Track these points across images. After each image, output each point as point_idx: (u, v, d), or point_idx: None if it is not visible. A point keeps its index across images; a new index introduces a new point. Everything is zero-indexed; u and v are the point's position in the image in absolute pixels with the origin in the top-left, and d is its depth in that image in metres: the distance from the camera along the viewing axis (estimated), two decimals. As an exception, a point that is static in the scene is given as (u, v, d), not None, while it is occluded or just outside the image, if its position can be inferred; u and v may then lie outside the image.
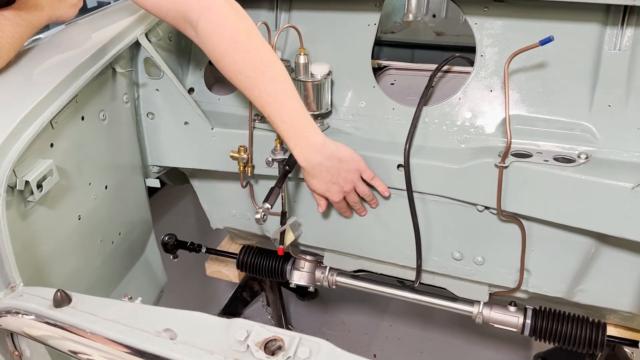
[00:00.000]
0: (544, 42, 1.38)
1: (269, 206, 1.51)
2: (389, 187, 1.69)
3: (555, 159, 1.49)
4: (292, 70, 1.70)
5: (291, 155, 1.66)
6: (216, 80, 2.20)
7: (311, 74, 1.66)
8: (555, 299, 1.73)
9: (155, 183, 1.86)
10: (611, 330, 1.85)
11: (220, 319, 0.99)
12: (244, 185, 1.85)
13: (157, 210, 4.31)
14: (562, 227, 1.54)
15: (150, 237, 1.93)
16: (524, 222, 1.58)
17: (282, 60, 1.70)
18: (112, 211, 1.64)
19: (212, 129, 1.77)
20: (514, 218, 1.58)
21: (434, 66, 1.77)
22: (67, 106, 1.37)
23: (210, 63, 2.14)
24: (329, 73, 1.68)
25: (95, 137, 1.53)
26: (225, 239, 2.64)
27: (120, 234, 1.71)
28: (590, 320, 1.75)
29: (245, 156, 1.74)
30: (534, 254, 1.64)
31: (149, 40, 1.71)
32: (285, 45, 1.86)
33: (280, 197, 1.77)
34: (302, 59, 1.64)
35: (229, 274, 2.50)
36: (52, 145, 1.34)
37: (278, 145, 1.69)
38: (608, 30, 1.50)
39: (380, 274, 1.99)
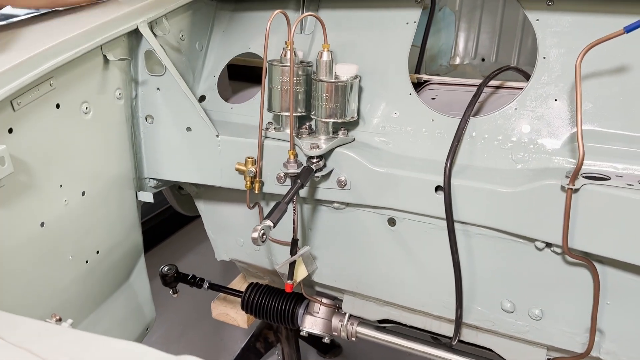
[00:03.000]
0: (630, 29, 1.08)
1: (271, 224, 1.22)
2: (424, 215, 1.38)
3: (643, 184, 1.15)
4: (314, 72, 1.45)
5: (304, 168, 1.38)
6: (234, 92, 1.98)
7: (335, 74, 1.40)
8: (638, 373, 1.33)
9: (148, 197, 1.61)
10: None
11: (158, 353, 0.69)
12: (252, 206, 1.57)
13: (182, 246, 4.11)
14: (650, 274, 1.18)
15: (138, 263, 1.66)
16: (597, 265, 1.23)
17: (303, 62, 1.47)
18: (88, 224, 1.38)
19: (218, 136, 1.52)
20: (585, 259, 1.22)
21: (480, 81, 1.48)
22: (36, 87, 1.14)
23: (229, 72, 1.94)
24: (357, 76, 1.42)
25: (74, 132, 1.30)
26: (237, 277, 2.34)
27: (98, 252, 1.44)
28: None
29: (252, 169, 1.47)
30: (610, 309, 1.27)
31: (154, 33, 1.50)
32: (310, 48, 1.62)
33: (292, 221, 1.48)
34: (325, 56, 1.38)
35: (237, 317, 2.18)
36: (10, 130, 1.11)
37: (292, 157, 1.41)
38: None
39: (410, 327, 1.64)
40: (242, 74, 2.08)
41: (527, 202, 1.23)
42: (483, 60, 3.32)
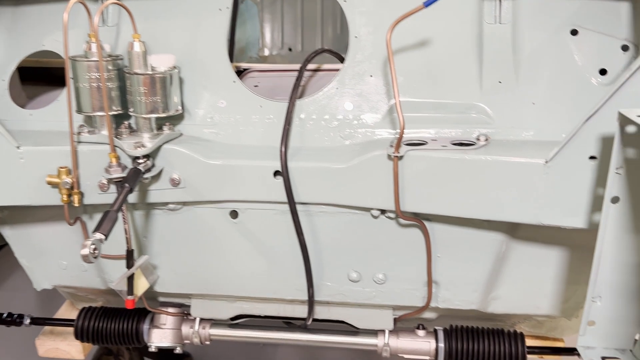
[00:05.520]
0: (428, 3, 1.18)
1: (102, 236, 1.09)
2: (265, 202, 1.37)
3: (454, 144, 1.28)
4: (126, 66, 1.33)
5: (131, 171, 1.26)
6: (29, 97, 1.74)
7: (151, 66, 1.30)
8: (467, 314, 1.50)
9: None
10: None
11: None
12: (72, 221, 1.40)
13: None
14: (469, 223, 1.33)
15: None
16: (426, 223, 1.34)
17: (111, 55, 1.34)
18: None
19: (19, 148, 1.31)
20: (416, 219, 1.33)
21: (299, 66, 1.50)
22: None
23: (19, 74, 1.69)
24: (175, 67, 1.34)
25: None
26: (63, 305, 2.08)
27: None
28: (507, 331, 1.54)
29: (68, 180, 1.30)
30: (441, 261, 1.40)
31: None
32: (117, 41, 1.48)
33: (124, 231, 1.35)
34: (136, 47, 1.28)
35: (70, 349, 1.93)
36: None
37: (114, 160, 1.28)
38: (486, 3, 1.36)
39: (265, 317, 1.62)
40: (37, 77, 1.83)
41: (360, 175, 1.29)
42: (290, 50, 3.42)
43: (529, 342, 1.67)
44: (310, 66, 1.63)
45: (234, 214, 1.40)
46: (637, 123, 0.91)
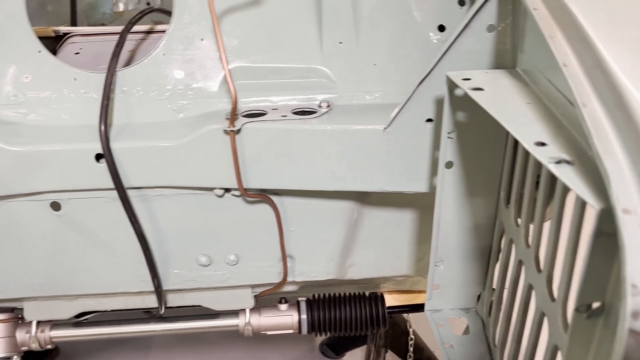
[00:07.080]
0: (251, -43, 1.06)
1: None
2: (91, 190, 1.20)
3: (295, 113, 1.20)
4: None
5: None
6: None
7: None
8: (331, 281, 1.47)
9: None
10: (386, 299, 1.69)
11: None
12: None
13: None
14: (318, 194, 1.27)
15: None
16: (274, 198, 1.26)
17: None
18: None
19: None
20: (262, 195, 1.25)
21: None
22: None
23: None
24: (-43, 36, 1.10)
25: None
26: None
27: None
28: (368, 295, 1.53)
29: None
30: (294, 235, 1.34)
31: None
32: None
33: None
34: None
35: None
36: None
37: None
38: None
39: (114, 311, 1.48)
40: None
41: (195, 152, 1.17)
42: (149, 4, 3.11)
43: (395, 297, 1.69)
44: (142, 28, 1.46)
45: (55, 206, 1.22)
46: (463, 88, 0.88)
